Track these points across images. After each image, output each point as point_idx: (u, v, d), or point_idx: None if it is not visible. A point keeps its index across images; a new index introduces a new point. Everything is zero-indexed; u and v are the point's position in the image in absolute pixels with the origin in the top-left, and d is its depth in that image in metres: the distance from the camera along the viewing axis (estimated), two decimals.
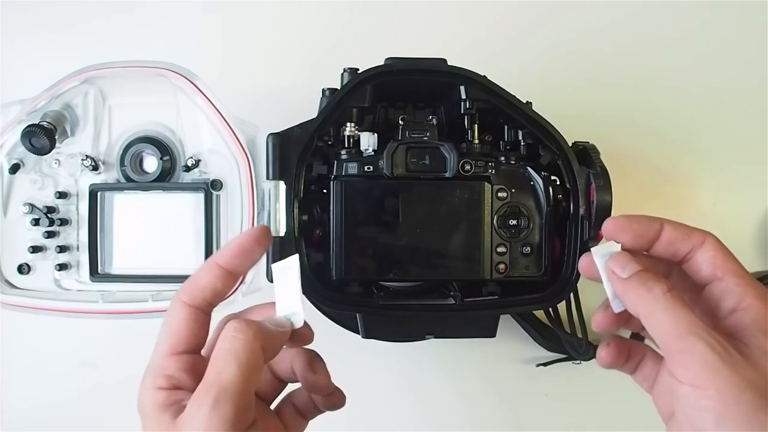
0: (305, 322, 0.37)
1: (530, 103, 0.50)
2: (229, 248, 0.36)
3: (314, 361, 0.39)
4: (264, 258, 0.48)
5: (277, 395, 0.40)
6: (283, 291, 0.37)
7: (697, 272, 0.35)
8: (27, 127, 0.48)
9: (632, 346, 0.39)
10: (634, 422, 0.62)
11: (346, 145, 0.49)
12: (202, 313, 0.35)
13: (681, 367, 0.31)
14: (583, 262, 0.38)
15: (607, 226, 0.37)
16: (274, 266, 0.38)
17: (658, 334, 0.33)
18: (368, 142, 0.49)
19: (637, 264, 0.35)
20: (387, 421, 0.64)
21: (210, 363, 0.32)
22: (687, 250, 0.35)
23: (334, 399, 0.39)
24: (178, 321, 0.35)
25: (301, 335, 0.37)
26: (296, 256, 0.38)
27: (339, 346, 0.63)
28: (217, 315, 0.37)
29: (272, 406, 0.39)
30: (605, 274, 0.37)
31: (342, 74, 0.50)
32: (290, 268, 0.37)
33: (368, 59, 0.48)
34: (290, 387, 0.41)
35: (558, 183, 0.50)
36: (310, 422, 0.40)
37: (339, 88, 0.49)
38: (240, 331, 0.32)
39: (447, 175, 0.48)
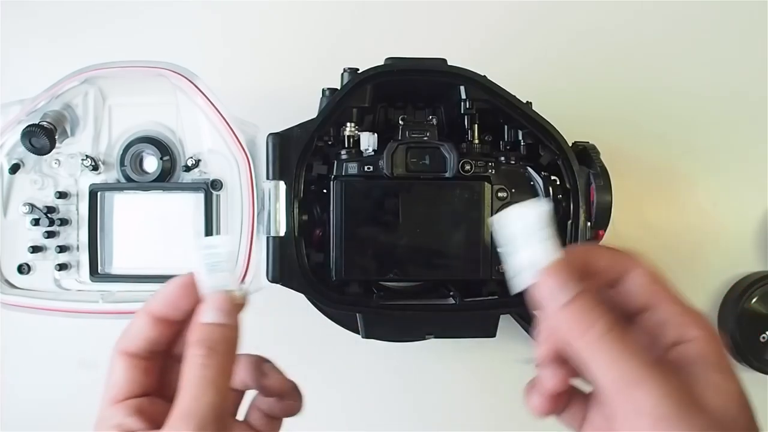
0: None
1: (530, 103, 0.50)
2: (157, 297, 0.34)
3: (262, 364, 0.36)
4: (264, 258, 0.48)
5: (239, 404, 0.38)
6: (211, 270, 0.33)
7: (627, 300, 0.31)
8: (27, 127, 0.48)
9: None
10: None
11: (346, 145, 0.49)
12: (143, 360, 0.34)
13: (626, 421, 0.27)
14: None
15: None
16: (197, 244, 0.33)
17: (598, 378, 0.29)
18: (368, 142, 0.49)
19: (578, 282, 0.29)
20: (387, 421, 0.64)
21: (181, 391, 0.30)
22: (616, 276, 0.31)
23: (290, 404, 0.37)
24: (115, 372, 0.34)
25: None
26: (229, 237, 0.34)
27: (339, 346, 0.63)
28: None
29: (240, 417, 0.38)
30: (521, 243, 0.31)
31: (342, 74, 0.50)
32: (219, 247, 0.33)
33: (368, 59, 0.48)
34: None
35: (558, 183, 0.50)
36: (312, 423, 0.40)
37: (339, 88, 0.49)
38: (209, 355, 0.31)
39: (447, 175, 0.48)
